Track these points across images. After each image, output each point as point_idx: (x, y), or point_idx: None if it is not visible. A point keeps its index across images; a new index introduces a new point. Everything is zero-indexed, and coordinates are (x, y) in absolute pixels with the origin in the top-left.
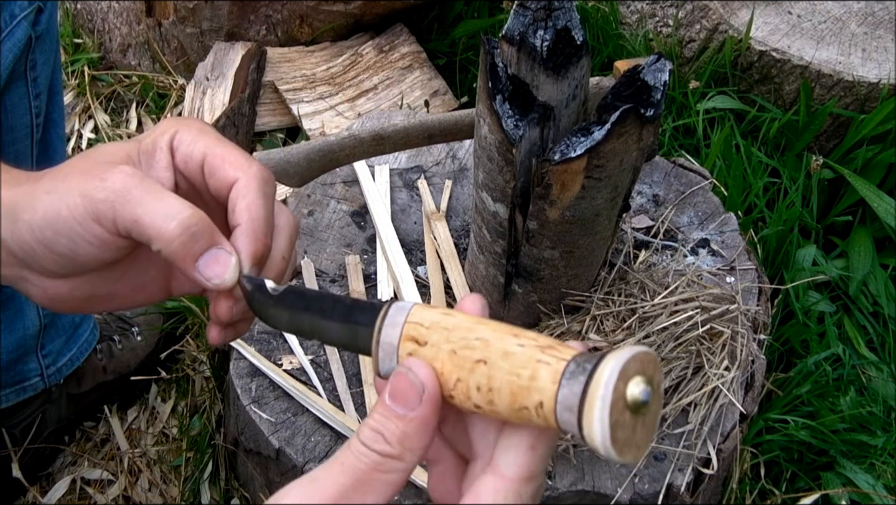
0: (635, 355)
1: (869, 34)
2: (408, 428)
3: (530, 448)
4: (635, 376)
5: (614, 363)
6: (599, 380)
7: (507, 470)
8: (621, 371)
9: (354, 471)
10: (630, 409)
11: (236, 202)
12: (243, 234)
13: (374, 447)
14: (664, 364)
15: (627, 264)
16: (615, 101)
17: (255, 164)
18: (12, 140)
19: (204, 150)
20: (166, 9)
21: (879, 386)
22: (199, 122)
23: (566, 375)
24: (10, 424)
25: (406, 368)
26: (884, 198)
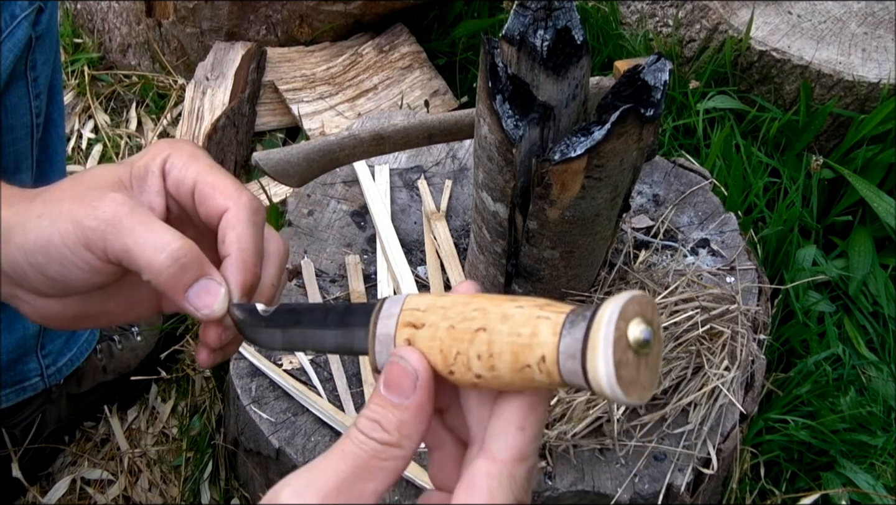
0: (633, 297)
1: (869, 34)
2: (404, 416)
3: (520, 429)
4: (635, 318)
5: (614, 305)
6: (600, 322)
7: (499, 453)
8: (621, 312)
9: (354, 458)
10: (633, 348)
11: (226, 232)
12: (233, 265)
13: (372, 435)
14: (664, 364)
15: (627, 264)
16: (615, 101)
17: (244, 193)
18: (12, 140)
19: (195, 177)
20: (166, 9)
21: (879, 386)
22: (192, 145)
23: (566, 325)
24: (10, 424)
25: (398, 356)
26: (884, 198)
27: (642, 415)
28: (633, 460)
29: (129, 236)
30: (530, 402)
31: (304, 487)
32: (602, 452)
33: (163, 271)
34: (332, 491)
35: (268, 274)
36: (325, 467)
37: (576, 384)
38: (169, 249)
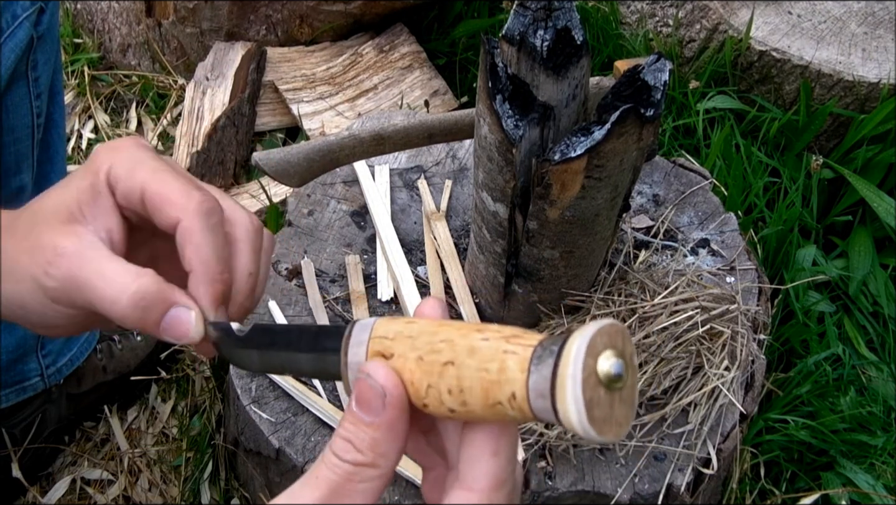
0: (601, 329)
1: (869, 34)
2: (377, 434)
3: (493, 455)
4: (605, 350)
5: (580, 340)
6: (567, 359)
7: (475, 483)
8: (588, 347)
9: (329, 484)
10: (604, 384)
11: (184, 248)
12: (199, 282)
13: (345, 457)
14: (664, 364)
15: (627, 264)
16: (615, 101)
17: (193, 196)
18: (13, 140)
19: (141, 186)
20: (166, 9)
21: (879, 386)
22: (132, 145)
23: (534, 360)
24: (10, 423)
25: (365, 373)
26: (884, 198)
27: (642, 415)
28: (633, 460)
29: (88, 291)
30: (499, 427)
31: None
32: (602, 452)
33: (127, 318)
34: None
35: (241, 264)
36: (301, 494)
37: (549, 421)
38: (127, 295)
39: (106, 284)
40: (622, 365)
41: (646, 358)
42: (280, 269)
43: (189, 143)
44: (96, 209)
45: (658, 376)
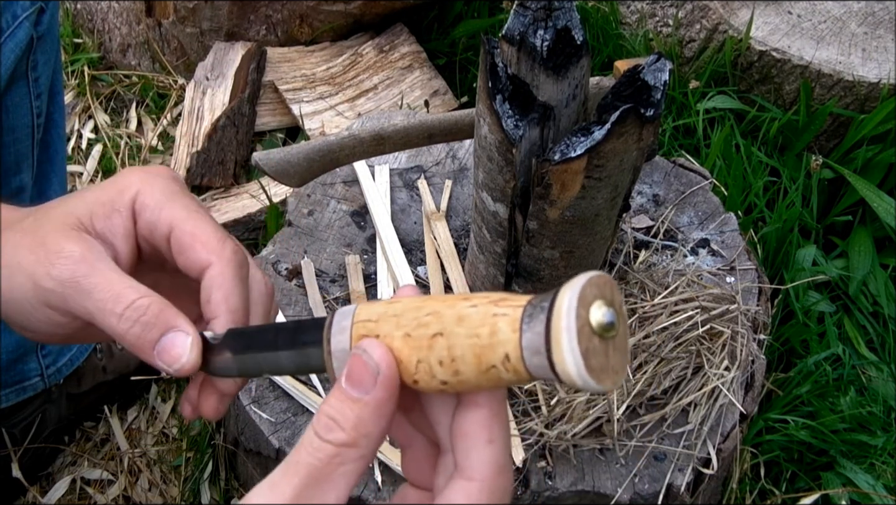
0: (590, 280)
1: (869, 34)
2: (363, 412)
3: (489, 442)
4: (595, 301)
5: (571, 293)
6: (560, 312)
7: (476, 472)
8: (580, 298)
9: (309, 469)
10: (597, 333)
11: (211, 292)
12: (224, 330)
13: (327, 437)
14: (664, 364)
15: (627, 264)
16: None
17: (228, 244)
18: (13, 140)
19: (171, 222)
20: (166, 9)
21: (879, 386)
22: (167, 176)
23: (525, 319)
24: (10, 423)
25: (361, 349)
26: (884, 198)
27: (642, 415)
28: (633, 460)
29: (88, 300)
30: (490, 412)
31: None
32: (602, 452)
33: (125, 334)
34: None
35: (253, 323)
36: (282, 483)
37: (545, 378)
38: (128, 311)
39: (109, 294)
40: (613, 313)
41: (646, 358)
42: (280, 269)
43: (189, 143)
44: (109, 226)
45: (658, 376)
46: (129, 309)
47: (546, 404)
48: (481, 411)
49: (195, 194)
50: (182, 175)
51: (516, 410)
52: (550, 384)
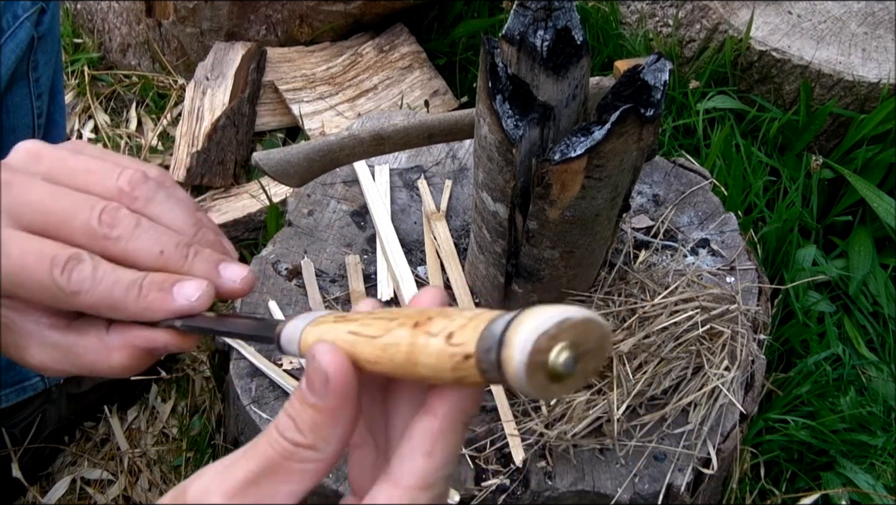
0: (562, 323)
1: (869, 34)
2: (318, 417)
3: (426, 455)
4: (558, 343)
5: (526, 336)
6: (512, 351)
7: (402, 479)
8: (535, 344)
9: (265, 458)
10: (551, 377)
11: None
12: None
13: (286, 435)
14: (664, 364)
15: (627, 264)
16: (615, 101)
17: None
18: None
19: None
20: (166, 9)
21: (879, 386)
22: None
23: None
24: (10, 423)
25: (310, 354)
26: (884, 198)
27: (642, 415)
28: (633, 460)
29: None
30: (442, 427)
31: (212, 483)
32: (602, 452)
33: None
34: (238, 490)
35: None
36: (236, 465)
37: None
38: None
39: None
40: (572, 362)
41: (646, 358)
42: (280, 269)
43: (189, 143)
44: None
45: (658, 376)
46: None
47: (546, 404)
48: (433, 422)
49: (195, 194)
50: (182, 175)
51: (516, 410)
52: None
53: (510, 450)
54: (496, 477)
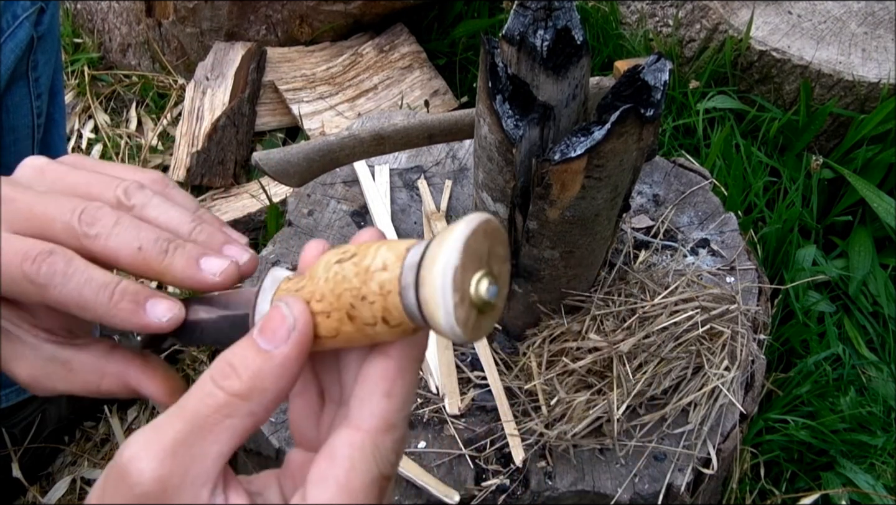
0: (476, 232)
1: (869, 34)
2: (265, 365)
3: (386, 396)
4: (478, 271)
5: (449, 250)
6: (433, 270)
7: (363, 422)
8: (460, 262)
9: (194, 416)
10: (476, 305)
11: None
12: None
13: (221, 384)
14: (664, 364)
15: (627, 264)
16: (615, 101)
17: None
18: (14, 140)
19: None
20: (166, 9)
21: (879, 386)
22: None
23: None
24: (10, 423)
25: (283, 301)
26: (884, 198)
27: (642, 415)
28: (633, 460)
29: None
30: (398, 366)
31: (142, 447)
32: (602, 452)
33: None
34: (166, 453)
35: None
36: (165, 426)
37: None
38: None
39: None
40: (495, 290)
41: (646, 358)
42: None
43: (189, 143)
44: None
45: (658, 376)
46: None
47: (546, 404)
48: (389, 363)
49: (195, 194)
50: (182, 175)
51: (516, 410)
52: (551, 384)
53: (510, 450)
54: (496, 477)
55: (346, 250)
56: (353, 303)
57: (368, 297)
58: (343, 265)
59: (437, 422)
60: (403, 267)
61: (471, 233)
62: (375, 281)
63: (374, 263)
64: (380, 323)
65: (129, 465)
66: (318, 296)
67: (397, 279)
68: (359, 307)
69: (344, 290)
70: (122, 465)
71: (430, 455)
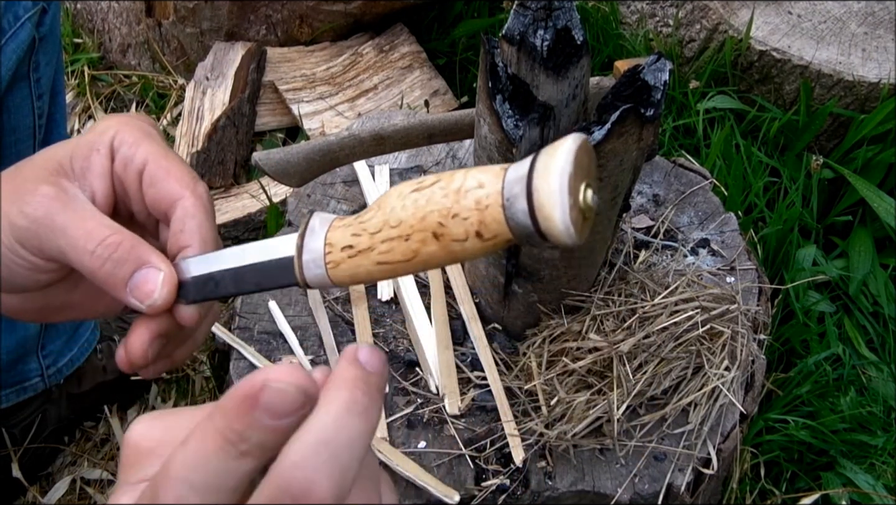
0: (582, 147)
1: (869, 34)
2: (280, 440)
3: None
4: (585, 179)
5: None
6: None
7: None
8: (574, 164)
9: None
10: (582, 210)
11: (185, 221)
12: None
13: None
14: (664, 364)
15: (627, 264)
16: (615, 101)
17: (200, 183)
18: (15, 141)
19: (146, 157)
20: (166, 9)
21: (879, 386)
22: (144, 121)
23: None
24: (10, 423)
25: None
26: (884, 198)
27: (642, 415)
28: (633, 460)
29: (61, 236)
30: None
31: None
32: (602, 452)
33: (97, 270)
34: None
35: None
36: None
37: (520, 226)
38: (101, 247)
39: (81, 231)
40: (598, 200)
41: (646, 358)
42: None
43: (189, 143)
44: (88, 165)
45: (658, 376)
46: (101, 246)
47: (546, 404)
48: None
49: None
50: None
51: (516, 410)
52: (551, 384)
53: (510, 450)
54: (496, 477)
55: (422, 181)
56: (442, 221)
57: (461, 213)
58: (423, 192)
59: (437, 422)
60: (505, 181)
61: (578, 147)
62: (470, 198)
63: (466, 184)
64: (472, 238)
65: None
66: (392, 222)
67: (498, 193)
68: (449, 225)
69: (429, 211)
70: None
71: (430, 455)
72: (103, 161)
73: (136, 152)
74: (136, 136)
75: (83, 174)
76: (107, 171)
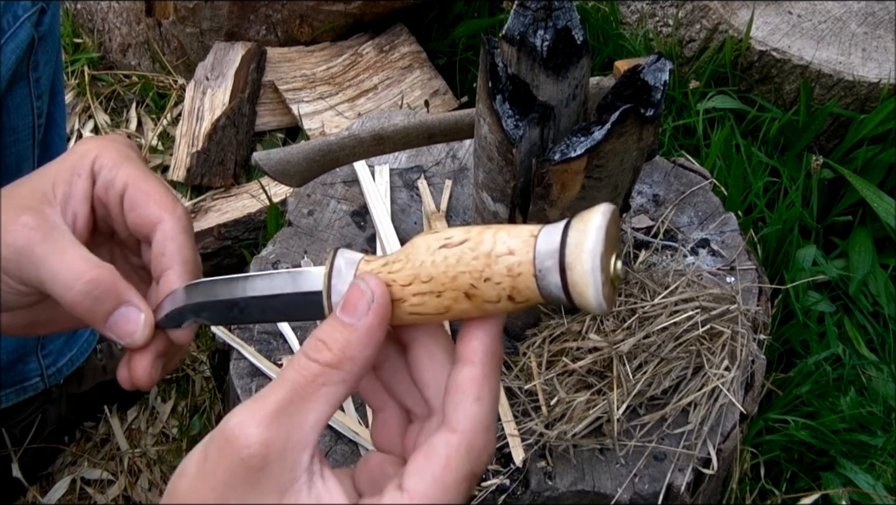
0: (610, 218)
1: (869, 34)
2: (352, 337)
3: (476, 400)
4: (614, 251)
5: (596, 229)
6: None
7: (458, 424)
8: (605, 237)
9: (294, 385)
10: (612, 280)
11: (165, 245)
12: (177, 280)
13: (314, 356)
14: (664, 364)
15: (627, 264)
16: (615, 101)
17: (179, 205)
18: (14, 140)
19: (126, 181)
20: (166, 9)
21: (879, 386)
22: (123, 143)
23: (539, 238)
24: (10, 423)
25: (361, 279)
26: (884, 198)
27: (642, 415)
28: (633, 460)
29: (41, 268)
30: (483, 372)
31: (247, 417)
32: (602, 452)
33: (76, 305)
34: (271, 419)
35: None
36: (267, 396)
37: (551, 296)
38: (81, 283)
39: (62, 265)
40: (624, 269)
41: (646, 358)
42: (280, 269)
43: (189, 143)
44: (70, 190)
45: (658, 376)
46: (83, 281)
47: (546, 404)
48: (475, 369)
49: (195, 194)
50: (182, 175)
51: (516, 411)
52: (551, 384)
53: (510, 450)
54: (496, 477)
55: (450, 236)
56: (474, 283)
57: (494, 277)
58: (452, 250)
59: None
60: (537, 252)
61: (608, 221)
62: (502, 264)
63: (496, 249)
64: (504, 300)
65: (237, 430)
66: (423, 277)
67: (530, 263)
68: (481, 287)
69: (460, 272)
70: (230, 430)
71: None
72: (84, 185)
73: (117, 175)
74: (115, 159)
75: (66, 200)
76: (87, 195)
